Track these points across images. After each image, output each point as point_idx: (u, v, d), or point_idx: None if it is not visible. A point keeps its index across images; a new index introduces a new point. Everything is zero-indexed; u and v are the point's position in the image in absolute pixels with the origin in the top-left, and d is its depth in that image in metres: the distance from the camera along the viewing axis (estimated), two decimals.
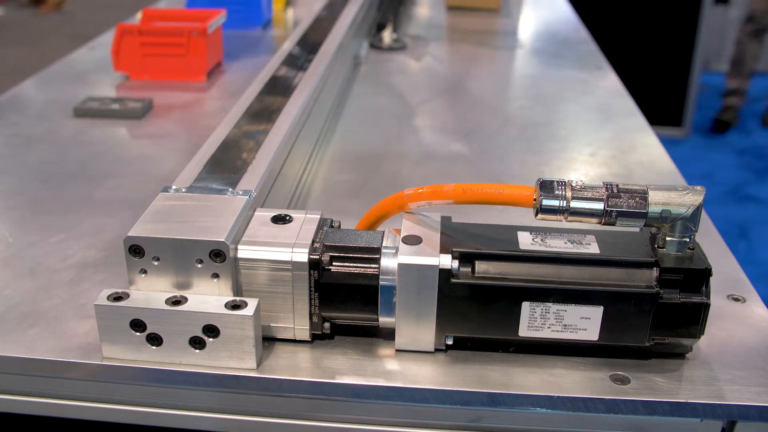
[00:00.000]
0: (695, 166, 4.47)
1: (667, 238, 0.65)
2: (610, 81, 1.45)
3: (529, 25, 1.95)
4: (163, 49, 1.38)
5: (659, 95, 4.64)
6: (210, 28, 1.38)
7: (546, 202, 0.64)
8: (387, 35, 1.63)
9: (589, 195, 0.64)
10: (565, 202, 0.64)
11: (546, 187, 0.64)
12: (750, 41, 4.94)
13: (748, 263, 3.40)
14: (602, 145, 1.16)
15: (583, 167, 1.08)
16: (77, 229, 0.89)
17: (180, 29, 1.38)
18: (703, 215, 0.81)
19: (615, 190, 0.64)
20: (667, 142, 3.80)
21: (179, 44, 1.37)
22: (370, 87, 1.41)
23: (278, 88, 1.06)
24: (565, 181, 0.65)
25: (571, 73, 1.50)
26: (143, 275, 0.66)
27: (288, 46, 1.26)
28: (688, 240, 0.65)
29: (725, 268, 0.83)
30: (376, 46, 1.63)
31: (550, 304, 0.64)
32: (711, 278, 0.64)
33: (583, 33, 1.81)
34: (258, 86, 1.06)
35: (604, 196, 0.64)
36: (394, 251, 0.66)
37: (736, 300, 0.77)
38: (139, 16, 1.53)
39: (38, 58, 5.87)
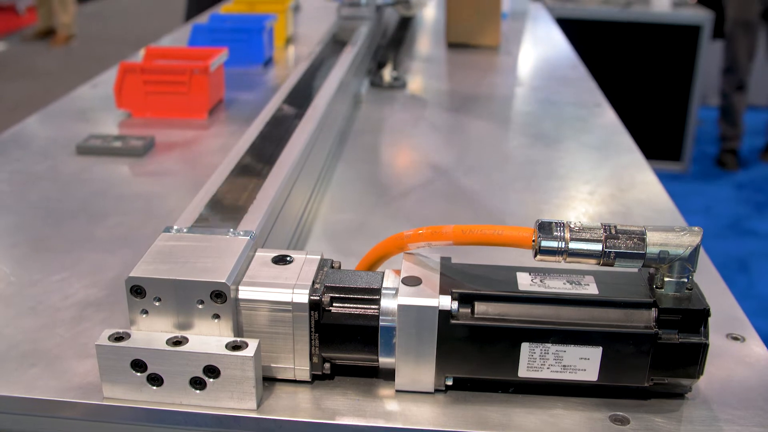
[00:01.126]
0: (694, 201, 4.48)
1: (666, 279, 0.65)
2: (609, 118, 1.46)
3: (528, 62, 1.97)
4: (166, 87, 1.40)
5: (658, 130, 4.66)
6: (212, 66, 1.39)
7: (545, 244, 0.64)
8: (387, 73, 1.65)
9: (588, 236, 0.64)
10: (563, 243, 0.64)
11: (545, 228, 0.65)
12: (735, 93, 4.98)
13: (748, 297, 3.39)
14: (601, 182, 1.17)
15: (582, 205, 1.09)
16: (79, 267, 0.90)
17: (182, 68, 1.39)
18: (702, 252, 0.82)
19: (613, 232, 0.64)
20: (666, 177, 3.81)
21: (181, 82, 1.39)
22: (370, 125, 1.42)
23: (279, 128, 1.07)
24: (563, 223, 0.65)
25: (570, 110, 1.51)
26: (144, 315, 0.66)
27: (289, 84, 1.27)
28: (686, 280, 0.65)
29: (724, 306, 0.84)
30: (376, 84, 1.64)
31: (549, 345, 0.64)
32: (710, 318, 0.64)
33: (581, 70, 1.82)
34: (259, 125, 1.06)
35: (602, 238, 0.64)
36: (394, 292, 0.66)
37: (735, 339, 0.77)
38: (141, 54, 1.54)
39: (42, 92, 5.92)
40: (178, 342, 0.64)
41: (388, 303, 0.66)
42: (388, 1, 1.80)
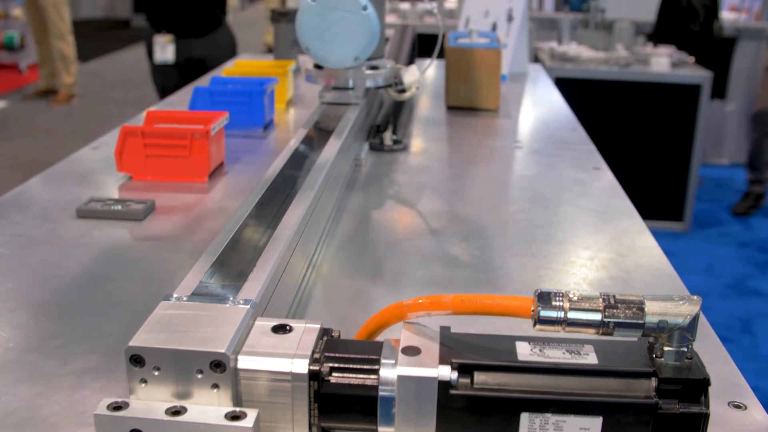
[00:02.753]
0: (696, 260, 4.48)
1: (665, 348, 0.65)
2: (608, 182, 1.47)
3: (527, 124, 1.98)
4: (166, 151, 1.41)
5: (659, 189, 4.68)
6: (213, 130, 1.41)
7: (544, 314, 0.65)
8: (387, 137, 1.66)
9: (587, 306, 0.64)
10: (563, 313, 0.64)
11: (544, 298, 0.65)
12: (764, 140, 5.02)
13: (753, 359, 3.37)
14: (601, 247, 1.17)
15: (581, 271, 1.09)
16: (77, 333, 0.90)
17: (183, 131, 1.40)
18: (702, 318, 0.82)
19: (612, 301, 0.65)
20: (667, 236, 3.83)
21: (182, 146, 1.39)
22: (370, 189, 1.43)
23: (279, 193, 1.07)
24: (562, 292, 0.66)
25: (570, 173, 1.51)
26: (143, 384, 0.66)
27: (289, 148, 1.28)
28: (686, 349, 0.65)
29: (725, 373, 0.83)
30: (376, 147, 1.65)
31: (549, 415, 0.64)
32: (710, 387, 0.64)
33: (581, 133, 1.83)
34: (259, 191, 1.07)
35: (602, 307, 0.64)
36: (393, 362, 0.66)
37: (737, 407, 0.77)
38: (142, 116, 1.56)
39: (42, 150, 5.95)
40: (177, 412, 0.64)
41: (387, 373, 0.66)
42: (379, 84, 1.63)
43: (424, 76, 2.60)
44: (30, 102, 8.14)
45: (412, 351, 0.67)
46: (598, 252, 1.15)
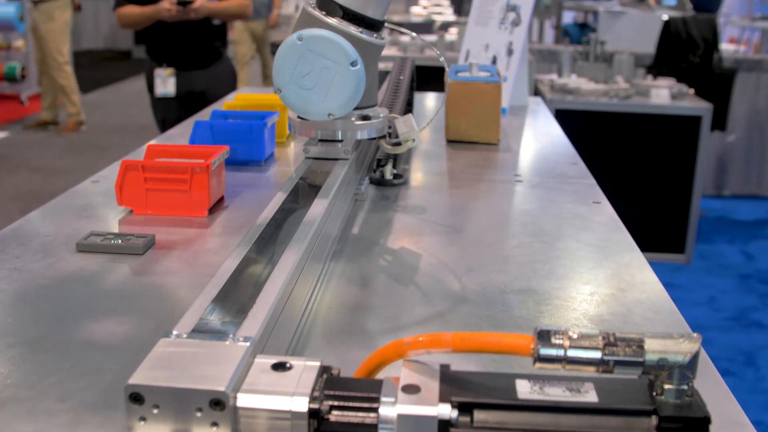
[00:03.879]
0: (698, 292, 4.48)
1: (665, 386, 0.65)
2: (608, 216, 1.47)
3: (527, 158, 1.99)
4: (166, 185, 1.41)
5: (660, 222, 4.68)
6: (213, 164, 1.41)
7: (544, 352, 0.65)
8: (388, 171, 1.66)
9: (587, 344, 0.64)
10: (562, 351, 0.64)
11: (544, 336, 0.65)
12: None
13: (757, 392, 3.36)
14: (601, 283, 1.17)
15: (582, 306, 1.08)
16: (76, 369, 0.90)
17: (183, 166, 1.40)
18: (703, 353, 0.81)
19: (612, 339, 0.65)
20: (669, 268, 3.82)
21: (182, 180, 1.40)
22: (370, 224, 1.43)
23: (280, 228, 1.08)
24: (562, 330, 0.66)
25: (570, 207, 1.52)
26: (142, 422, 0.66)
27: (290, 183, 1.28)
28: (686, 387, 0.65)
29: (726, 409, 0.83)
30: (376, 181, 1.65)
31: None
32: (711, 425, 0.64)
33: (581, 166, 1.84)
34: (260, 226, 1.07)
35: (601, 346, 0.64)
36: (393, 400, 0.66)
37: None
38: (143, 150, 1.56)
39: (42, 181, 5.97)
40: None
41: (387, 411, 0.66)
42: (371, 136, 1.46)
43: (425, 109, 2.61)
44: (31, 133, 8.19)
45: (412, 389, 0.66)
46: (599, 287, 1.15)
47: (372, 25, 1.32)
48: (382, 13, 1.34)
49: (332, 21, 1.29)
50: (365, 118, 1.45)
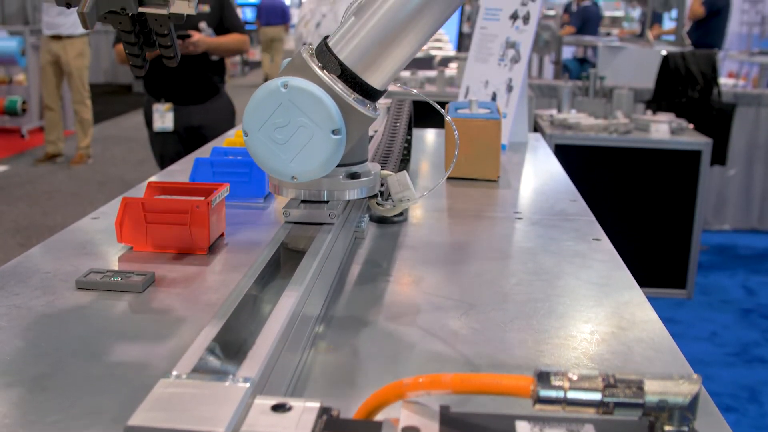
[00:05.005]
0: (700, 327, 4.46)
1: (666, 428, 0.65)
2: (608, 254, 1.47)
3: (527, 195, 1.99)
4: (167, 222, 1.41)
5: (661, 256, 4.68)
6: (213, 202, 1.41)
7: (543, 393, 0.64)
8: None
9: (586, 386, 0.64)
10: (562, 393, 0.64)
11: (543, 378, 0.65)
12: None
13: (760, 428, 3.34)
14: (601, 321, 1.17)
15: (582, 345, 1.08)
16: (75, 408, 0.89)
17: (183, 203, 1.41)
18: (704, 392, 0.81)
19: (612, 381, 0.64)
20: (670, 303, 3.81)
21: (182, 218, 1.40)
22: (369, 261, 1.43)
23: (280, 267, 1.08)
24: (562, 372, 0.65)
25: (570, 245, 1.52)
26: None
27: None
28: (686, 429, 0.65)
29: None
30: (376, 218, 1.65)
31: None
32: None
33: (581, 203, 1.84)
34: (260, 264, 1.07)
35: (601, 387, 0.64)
36: None
37: None
38: (143, 187, 1.56)
39: (41, 216, 5.98)
40: None
41: None
42: (362, 195, 1.31)
43: (425, 145, 2.62)
44: (31, 166, 8.23)
45: (411, 431, 0.66)
46: (599, 326, 1.15)
47: (369, 94, 1.18)
48: (385, 83, 1.19)
49: (326, 78, 1.15)
50: (354, 176, 1.30)
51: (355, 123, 1.17)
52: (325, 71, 1.16)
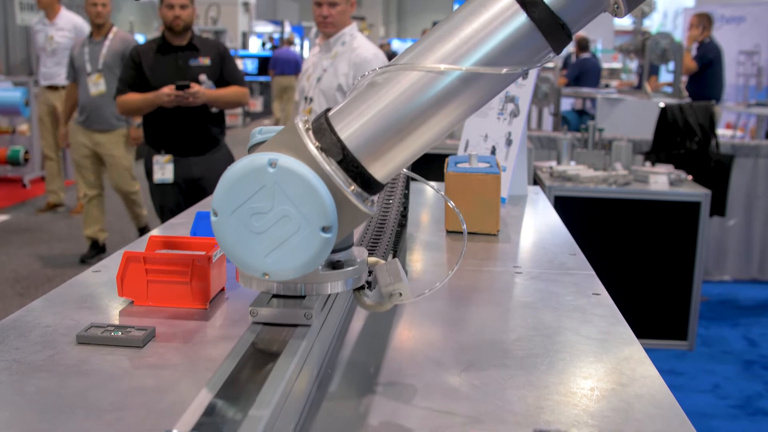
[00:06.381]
0: (702, 379, 4.43)
1: None
2: (608, 308, 1.47)
3: (527, 249, 2.00)
4: (167, 277, 1.42)
5: (662, 308, 4.67)
6: (214, 257, 1.42)
7: None
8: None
9: None
10: None
11: None
12: None
13: None
14: (601, 377, 1.17)
15: (582, 402, 1.08)
16: None
17: (184, 258, 1.41)
18: None
19: None
20: (672, 355, 3.79)
21: (183, 273, 1.40)
22: (369, 315, 1.43)
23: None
24: (562, 430, 0.66)
25: (569, 299, 1.52)
26: None
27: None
28: None
29: None
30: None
31: None
32: None
33: (580, 257, 1.85)
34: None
35: None
36: None
37: None
38: (144, 240, 1.57)
39: (41, 265, 5.97)
40: None
41: None
42: (347, 288, 1.08)
43: (424, 198, 2.63)
44: (32, 216, 8.24)
45: None
46: (599, 382, 1.15)
47: (370, 186, 1.00)
48: (389, 176, 1.02)
49: (324, 163, 0.96)
50: (335, 265, 1.09)
51: (348, 218, 0.98)
52: (323, 153, 0.97)
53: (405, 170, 1.12)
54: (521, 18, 0.95)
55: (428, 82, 0.97)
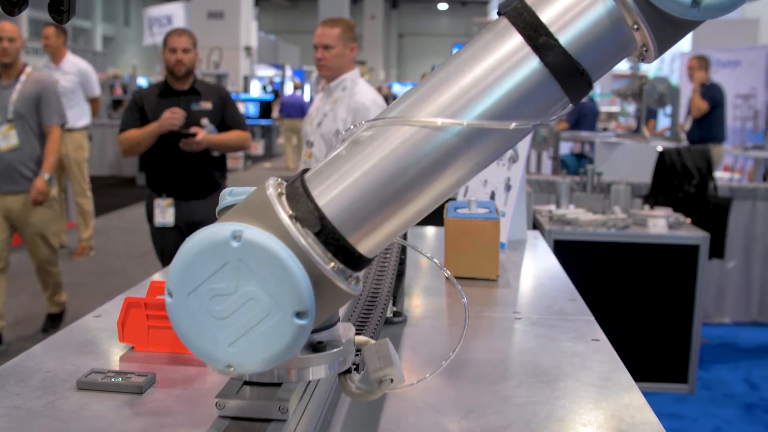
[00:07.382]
0: (703, 423, 4.41)
1: None
2: (607, 354, 1.47)
3: (526, 294, 2.00)
4: (168, 323, 1.41)
5: (661, 351, 4.66)
6: None
7: None
8: (388, 309, 1.66)
9: None
10: None
11: None
12: None
13: None
14: (601, 424, 1.17)
15: None
16: None
17: None
18: None
19: None
20: (672, 399, 3.78)
21: None
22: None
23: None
24: None
25: (569, 345, 1.52)
26: None
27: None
28: None
29: None
30: None
31: None
32: None
33: (580, 302, 1.85)
34: None
35: None
36: None
37: None
38: (146, 285, 1.57)
39: (41, 307, 5.95)
40: None
41: None
42: (331, 373, 0.94)
43: (424, 242, 2.64)
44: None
45: None
46: (598, 429, 1.15)
47: (354, 262, 0.85)
48: (376, 250, 0.88)
49: (299, 236, 0.82)
50: (317, 347, 0.94)
51: (328, 300, 0.84)
52: (298, 224, 0.82)
53: (398, 239, 0.97)
54: (533, 63, 0.81)
55: (422, 139, 0.82)
